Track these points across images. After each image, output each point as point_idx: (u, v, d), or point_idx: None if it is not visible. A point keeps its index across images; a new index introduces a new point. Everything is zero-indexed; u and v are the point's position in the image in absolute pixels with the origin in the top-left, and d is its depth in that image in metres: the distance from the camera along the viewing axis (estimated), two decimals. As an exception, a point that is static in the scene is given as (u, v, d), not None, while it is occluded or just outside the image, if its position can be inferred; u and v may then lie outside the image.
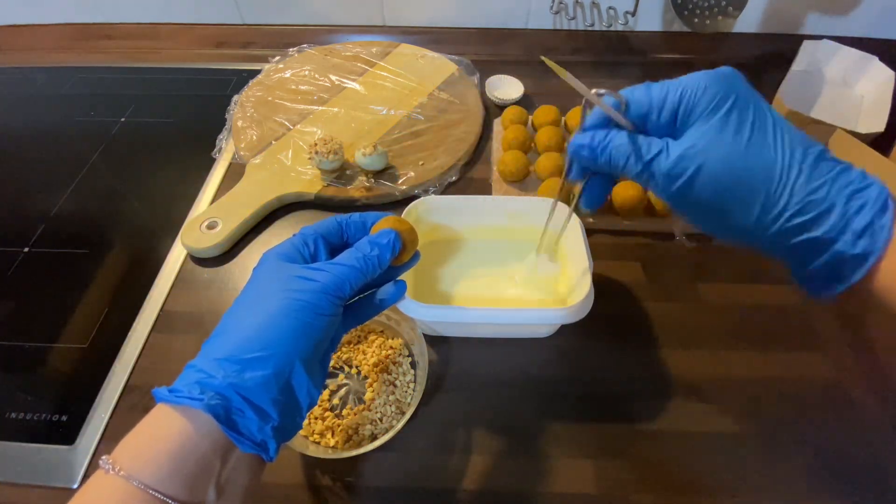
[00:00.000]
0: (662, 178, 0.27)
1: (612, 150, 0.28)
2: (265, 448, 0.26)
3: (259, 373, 0.25)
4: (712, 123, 0.26)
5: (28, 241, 0.56)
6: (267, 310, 0.27)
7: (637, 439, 0.42)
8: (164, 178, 0.64)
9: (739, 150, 0.25)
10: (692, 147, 0.26)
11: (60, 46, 0.84)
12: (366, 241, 0.31)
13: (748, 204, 0.26)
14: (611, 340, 0.48)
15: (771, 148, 0.25)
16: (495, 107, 0.72)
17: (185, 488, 0.23)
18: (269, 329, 0.26)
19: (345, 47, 0.78)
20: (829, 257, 0.25)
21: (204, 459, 0.24)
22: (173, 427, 0.24)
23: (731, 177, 0.26)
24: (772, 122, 0.26)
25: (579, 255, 0.45)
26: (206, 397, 0.24)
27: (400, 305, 0.41)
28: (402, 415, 0.41)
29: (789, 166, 0.25)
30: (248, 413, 0.25)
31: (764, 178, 0.25)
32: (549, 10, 0.78)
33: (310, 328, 0.27)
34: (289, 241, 0.31)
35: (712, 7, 0.71)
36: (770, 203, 0.25)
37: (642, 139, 0.28)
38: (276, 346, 0.26)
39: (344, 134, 0.65)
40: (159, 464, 0.23)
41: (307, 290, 0.27)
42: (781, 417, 0.43)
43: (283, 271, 0.29)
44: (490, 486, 0.40)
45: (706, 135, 0.26)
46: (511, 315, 0.43)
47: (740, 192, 0.26)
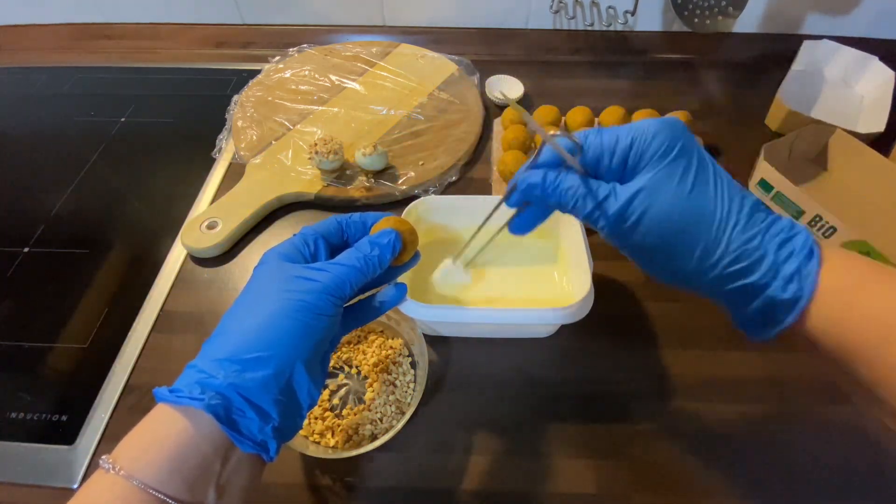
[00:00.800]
0: (611, 219, 0.28)
1: (563, 191, 0.29)
2: (265, 448, 0.26)
3: (260, 373, 0.25)
4: (660, 169, 0.27)
5: (28, 241, 0.57)
6: (267, 310, 0.27)
7: (637, 439, 0.42)
8: (164, 178, 0.64)
9: (683, 197, 0.26)
10: (640, 191, 0.27)
11: (60, 46, 0.84)
12: (366, 241, 0.31)
13: (689, 249, 0.27)
14: (611, 340, 0.48)
15: (711, 198, 0.26)
16: (495, 107, 0.72)
17: (186, 488, 0.23)
18: (270, 329, 0.26)
19: (345, 47, 0.78)
20: (762, 302, 0.26)
21: (204, 460, 0.24)
22: (173, 427, 0.24)
23: (674, 223, 0.27)
24: (712, 172, 0.27)
25: (579, 255, 0.45)
26: (207, 397, 0.24)
27: (400, 305, 0.41)
28: (402, 415, 0.41)
29: (727, 215, 0.26)
30: (248, 413, 0.25)
31: (705, 226, 0.26)
32: (549, 10, 0.78)
33: (310, 329, 0.27)
34: (289, 240, 0.31)
35: (712, 7, 0.71)
36: (709, 249, 0.26)
37: (593, 182, 0.28)
38: (277, 346, 0.26)
39: (344, 134, 0.65)
40: (159, 464, 0.23)
41: (307, 290, 0.27)
42: (781, 417, 0.43)
43: (284, 271, 0.29)
44: (490, 486, 0.40)
45: (653, 180, 0.27)
46: (511, 315, 0.43)
47: (683, 237, 0.27)
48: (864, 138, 0.59)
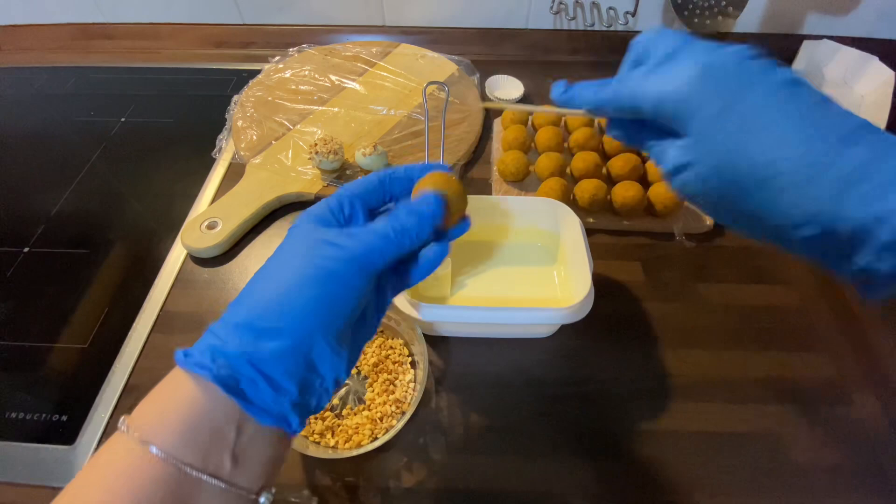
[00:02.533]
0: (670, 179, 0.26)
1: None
2: (285, 421, 0.24)
3: (274, 343, 0.24)
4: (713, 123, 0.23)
5: (28, 241, 0.56)
6: (289, 276, 0.25)
7: (637, 439, 0.42)
8: (164, 178, 0.64)
9: (731, 160, 0.23)
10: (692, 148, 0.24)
11: (60, 46, 0.84)
12: (403, 209, 0.28)
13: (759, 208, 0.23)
14: (611, 340, 0.48)
15: (762, 151, 0.22)
16: (495, 107, 0.72)
17: (199, 455, 0.23)
18: (290, 297, 0.24)
19: (345, 47, 0.78)
20: (856, 269, 0.21)
21: (216, 428, 0.23)
22: (187, 393, 0.23)
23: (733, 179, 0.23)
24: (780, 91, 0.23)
25: (579, 255, 0.45)
26: (216, 367, 0.23)
27: (400, 305, 0.41)
28: (402, 415, 0.41)
29: (784, 174, 0.22)
30: (260, 385, 0.23)
31: (752, 188, 0.23)
32: (549, 11, 0.78)
33: (334, 300, 0.25)
34: (324, 201, 0.29)
35: (712, 7, 0.71)
36: (766, 212, 0.23)
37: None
38: (295, 317, 0.24)
39: (344, 134, 0.65)
40: (172, 429, 0.23)
41: (333, 258, 0.25)
42: (781, 417, 0.43)
43: (312, 235, 0.27)
44: (490, 486, 0.40)
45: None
46: (511, 315, 0.43)
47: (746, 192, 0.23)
48: (864, 138, 0.59)
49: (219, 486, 0.23)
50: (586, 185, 0.55)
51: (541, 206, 0.50)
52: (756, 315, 0.50)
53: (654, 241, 0.56)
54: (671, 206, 0.54)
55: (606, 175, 0.60)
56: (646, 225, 0.56)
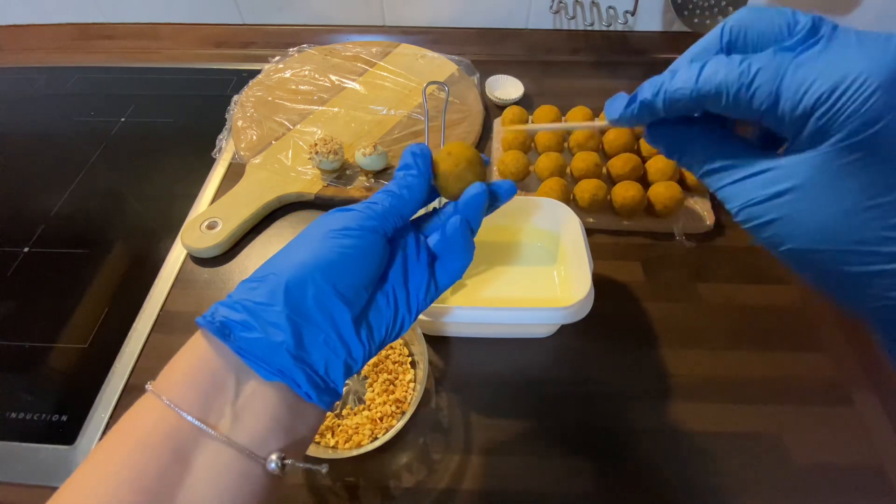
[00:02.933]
0: (736, 212, 0.21)
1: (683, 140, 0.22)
2: (289, 377, 0.23)
3: (267, 286, 0.24)
4: (839, 155, 0.18)
5: (28, 241, 0.57)
6: (295, 238, 0.27)
7: (637, 439, 0.42)
8: (164, 178, 0.64)
9: (849, 217, 0.18)
10: (788, 191, 0.19)
11: (60, 46, 0.84)
12: (397, 170, 0.30)
13: (836, 269, 0.19)
14: (611, 340, 0.48)
15: (892, 226, 0.18)
16: (495, 107, 0.72)
17: (198, 404, 0.23)
18: (289, 249, 0.26)
19: (345, 47, 0.78)
20: None
21: (214, 377, 0.24)
22: (193, 346, 0.25)
23: (823, 238, 0.19)
24: None
25: (579, 255, 0.45)
26: (216, 317, 0.24)
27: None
28: (402, 415, 0.41)
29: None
30: (254, 330, 0.23)
31: (858, 259, 0.19)
32: (549, 10, 0.78)
33: (334, 249, 0.25)
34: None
35: (712, 7, 0.71)
36: (858, 282, 0.19)
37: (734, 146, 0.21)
38: (290, 261, 0.25)
39: (344, 134, 0.65)
40: (174, 378, 0.24)
41: (336, 217, 0.27)
42: (781, 417, 0.43)
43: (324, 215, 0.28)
44: (490, 486, 0.40)
45: (817, 171, 0.18)
46: (511, 315, 0.43)
47: (827, 256, 0.19)
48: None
49: (218, 439, 0.22)
50: (586, 185, 0.55)
51: (541, 206, 0.50)
52: (756, 315, 0.50)
53: (654, 241, 0.56)
54: (671, 207, 0.54)
55: (606, 175, 0.60)
56: (646, 225, 0.56)
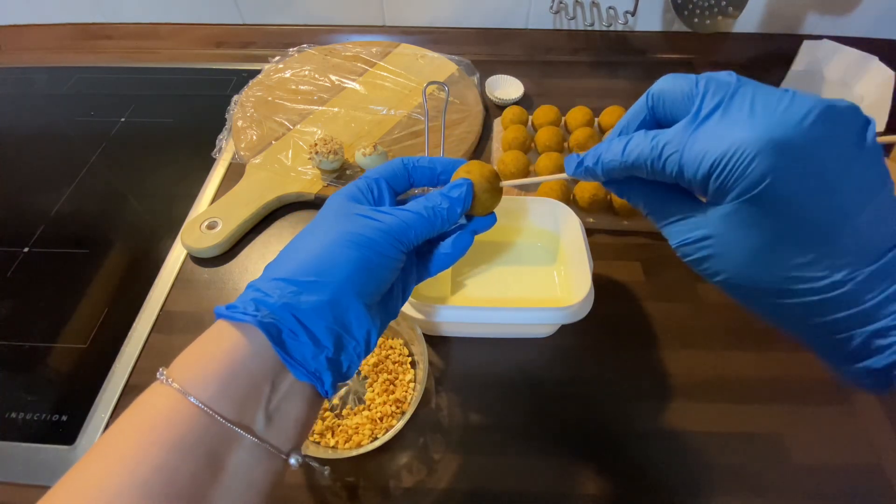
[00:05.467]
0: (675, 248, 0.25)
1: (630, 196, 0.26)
2: (319, 379, 0.25)
3: (315, 297, 0.25)
4: (739, 211, 0.21)
5: (28, 241, 0.56)
6: (327, 239, 0.26)
7: (637, 439, 0.42)
8: (164, 178, 0.64)
9: (757, 262, 0.21)
10: (705, 238, 0.22)
11: (60, 46, 0.84)
12: (437, 193, 0.30)
13: (769, 303, 0.23)
14: (611, 340, 0.48)
15: (792, 268, 0.21)
16: (495, 107, 0.72)
17: (234, 407, 0.23)
18: (328, 256, 0.26)
19: (345, 47, 0.78)
20: (849, 369, 0.22)
21: (253, 380, 0.24)
22: (226, 343, 0.24)
23: (744, 279, 0.22)
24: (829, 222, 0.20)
25: (579, 255, 0.45)
26: (260, 315, 0.24)
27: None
28: (402, 415, 0.41)
29: (812, 292, 0.21)
30: (301, 337, 0.24)
31: (771, 294, 0.22)
32: (549, 10, 0.78)
33: (368, 264, 0.26)
34: (353, 183, 0.31)
35: (712, 7, 0.71)
36: (778, 313, 0.22)
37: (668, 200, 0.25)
38: (334, 273, 0.25)
39: (344, 134, 0.65)
40: (208, 380, 0.23)
41: (371, 227, 0.27)
42: (781, 417, 0.43)
43: (348, 209, 0.28)
44: (490, 486, 0.40)
45: (725, 225, 0.22)
46: (511, 315, 0.43)
47: (759, 292, 0.22)
48: (864, 138, 0.59)
49: (252, 441, 0.23)
50: (586, 185, 0.55)
51: (541, 206, 0.50)
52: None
53: (654, 241, 0.56)
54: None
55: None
56: (646, 225, 0.56)
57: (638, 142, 0.23)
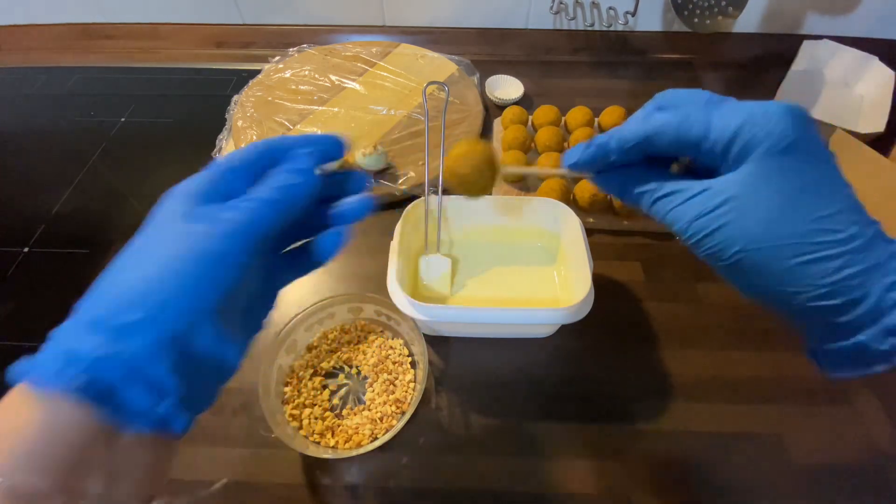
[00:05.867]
0: (681, 230, 0.25)
1: (628, 178, 0.27)
2: (168, 424, 0.21)
3: (147, 337, 0.20)
4: (762, 169, 0.22)
5: (28, 241, 0.56)
6: (159, 257, 0.22)
7: (637, 439, 0.42)
8: (164, 178, 0.63)
9: (779, 213, 0.22)
10: (727, 200, 0.23)
11: (60, 46, 0.84)
12: (283, 167, 0.25)
13: (769, 272, 0.23)
14: (611, 340, 0.48)
15: (819, 217, 0.22)
16: (495, 107, 0.72)
17: (56, 482, 0.19)
18: (160, 281, 0.21)
19: (345, 47, 0.78)
20: (851, 344, 0.22)
21: (73, 449, 0.19)
22: (35, 413, 0.19)
23: (760, 242, 0.22)
24: (829, 183, 0.22)
25: (579, 255, 0.45)
26: (71, 376, 0.19)
27: (400, 305, 0.41)
28: (402, 415, 0.41)
29: (834, 243, 0.22)
30: (136, 388, 0.20)
31: (796, 249, 0.22)
32: (549, 10, 0.78)
33: (214, 278, 0.22)
34: (192, 177, 0.26)
35: (712, 7, 0.71)
36: (797, 276, 0.22)
37: (668, 180, 0.25)
38: (169, 303, 0.21)
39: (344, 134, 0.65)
40: (17, 459, 0.18)
41: (209, 233, 0.22)
42: (781, 417, 0.43)
43: (182, 209, 0.24)
44: (490, 486, 0.40)
45: (749, 183, 0.22)
46: (511, 315, 0.43)
47: (765, 259, 0.23)
48: (864, 138, 0.59)
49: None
50: (586, 185, 0.55)
51: (541, 206, 0.50)
52: (756, 315, 0.50)
53: (654, 241, 0.56)
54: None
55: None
56: (646, 225, 0.56)
57: (659, 115, 0.25)
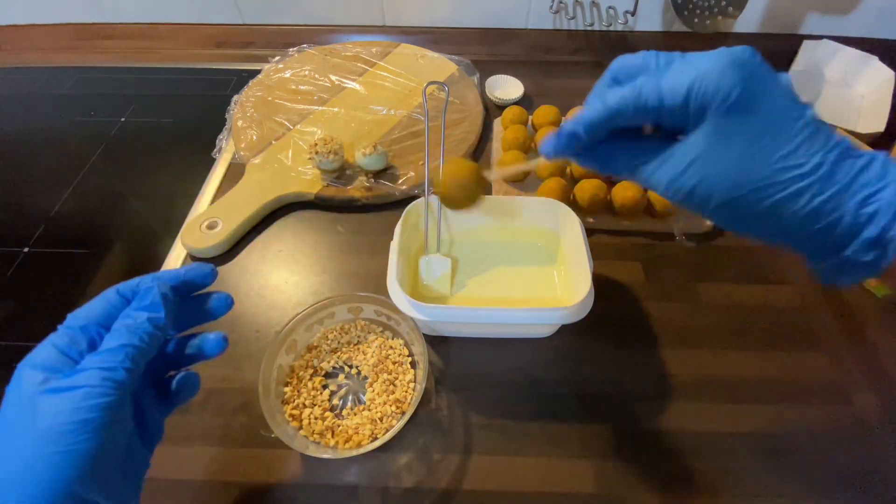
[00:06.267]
0: (661, 190, 0.26)
1: (605, 152, 0.28)
2: None
3: None
4: (718, 129, 0.24)
5: (28, 241, 0.56)
6: (14, 450, 0.22)
7: (637, 439, 0.42)
8: (164, 178, 0.64)
9: (743, 164, 0.23)
10: (692, 163, 0.24)
11: (60, 46, 0.84)
12: (131, 309, 0.26)
13: (750, 213, 0.24)
14: (611, 340, 0.48)
15: (781, 156, 0.23)
16: (495, 107, 0.72)
17: None
18: (20, 477, 0.21)
19: (345, 47, 0.78)
20: (840, 260, 0.24)
21: None
22: None
23: (732, 191, 0.24)
24: (789, 125, 0.23)
25: (579, 255, 0.45)
26: None
27: (400, 305, 0.41)
28: (402, 415, 0.41)
29: (800, 176, 0.23)
30: None
31: (768, 190, 0.23)
32: (549, 10, 0.78)
33: (81, 456, 0.22)
34: (49, 340, 0.25)
35: (712, 7, 0.71)
36: (777, 212, 0.24)
37: (636, 143, 0.27)
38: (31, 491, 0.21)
39: (344, 134, 0.65)
40: None
41: (65, 408, 0.22)
42: (781, 417, 0.43)
43: (35, 387, 0.23)
44: (490, 486, 0.40)
45: (708, 144, 0.24)
46: (511, 315, 0.43)
47: (742, 203, 0.24)
48: (865, 138, 0.59)
49: None
50: (586, 185, 0.55)
51: (541, 206, 0.50)
52: (756, 315, 0.50)
53: (654, 241, 0.56)
54: (671, 206, 0.54)
55: (606, 175, 0.60)
56: (646, 225, 0.56)
57: (616, 91, 0.26)
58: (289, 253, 0.55)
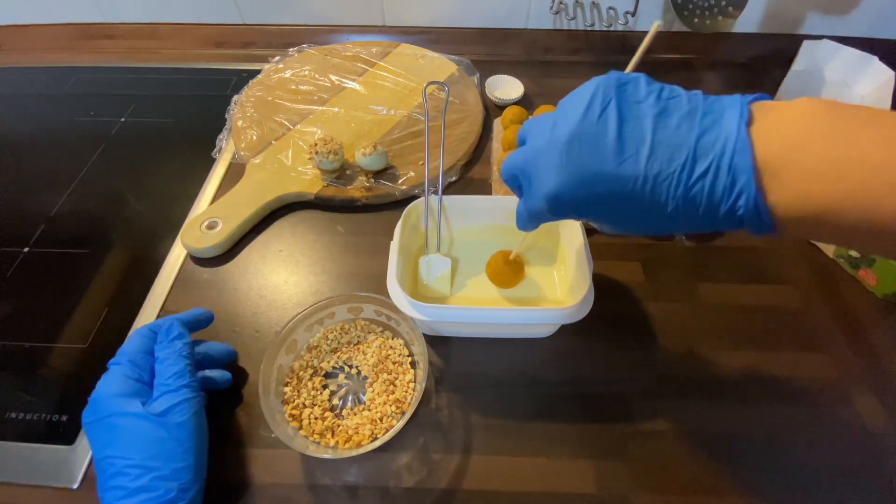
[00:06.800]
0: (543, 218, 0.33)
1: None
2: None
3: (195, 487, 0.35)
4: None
5: (28, 241, 0.56)
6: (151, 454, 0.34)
7: (637, 439, 0.42)
8: (164, 178, 0.64)
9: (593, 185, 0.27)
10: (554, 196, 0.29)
11: (60, 46, 0.84)
12: (166, 341, 0.39)
13: (619, 213, 0.28)
14: (611, 340, 0.48)
15: (623, 163, 0.26)
16: (495, 107, 0.72)
17: None
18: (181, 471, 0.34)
19: (345, 47, 0.78)
20: (725, 219, 0.26)
21: None
22: None
23: (594, 203, 0.28)
24: (615, 136, 0.26)
25: (579, 255, 0.45)
26: None
27: (400, 305, 0.41)
28: (402, 415, 0.41)
29: (647, 170, 0.26)
30: None
31: (628, 195, 0.27)
32: (549, 10, 0.78)
33: (189, 441, 0.36)
34: (116, 373, 0.38)
35: (712, 7, 0.71)
36: (645, 209, 0.27)
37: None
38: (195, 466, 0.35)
39: (344, 134, 0.65)
40: None
41: (179, 414, 0.36)
42: (781, 417, 0.43)
43: (135, 409, 0.35)
44: (490, 486, 0.40)
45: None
46: (511, 315, 0.43)
47: (607, 209, 0.28)
48: (864, 138, 0.59)
49: None
50: (586, 185, 0.55)
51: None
52: (756, 315, 0.50)
53: (654, 241, 0.56)
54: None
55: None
56: (646, 225, 0.56)
57: (519, 205, 0.34)
58: (289, 253, 0.55)
